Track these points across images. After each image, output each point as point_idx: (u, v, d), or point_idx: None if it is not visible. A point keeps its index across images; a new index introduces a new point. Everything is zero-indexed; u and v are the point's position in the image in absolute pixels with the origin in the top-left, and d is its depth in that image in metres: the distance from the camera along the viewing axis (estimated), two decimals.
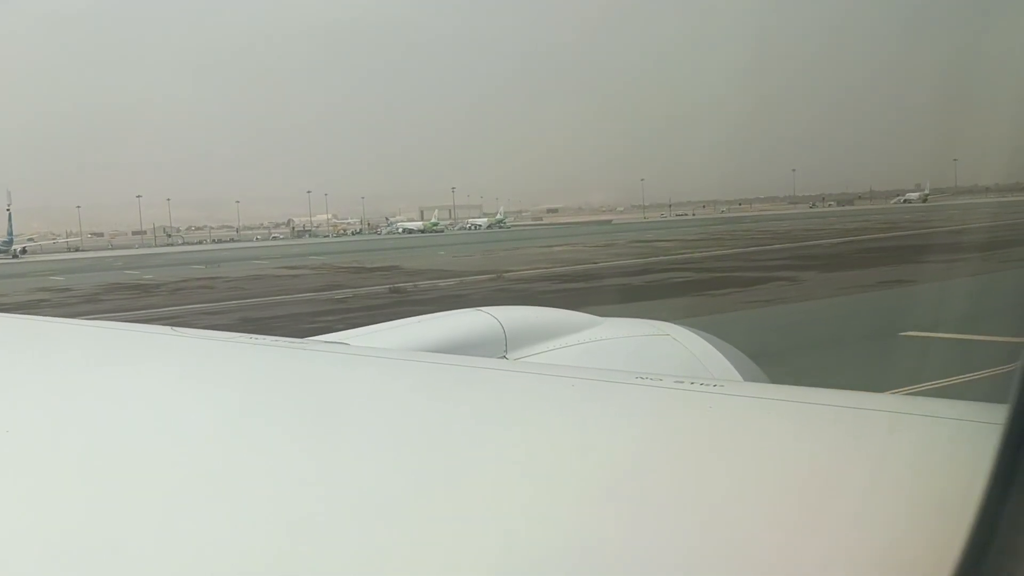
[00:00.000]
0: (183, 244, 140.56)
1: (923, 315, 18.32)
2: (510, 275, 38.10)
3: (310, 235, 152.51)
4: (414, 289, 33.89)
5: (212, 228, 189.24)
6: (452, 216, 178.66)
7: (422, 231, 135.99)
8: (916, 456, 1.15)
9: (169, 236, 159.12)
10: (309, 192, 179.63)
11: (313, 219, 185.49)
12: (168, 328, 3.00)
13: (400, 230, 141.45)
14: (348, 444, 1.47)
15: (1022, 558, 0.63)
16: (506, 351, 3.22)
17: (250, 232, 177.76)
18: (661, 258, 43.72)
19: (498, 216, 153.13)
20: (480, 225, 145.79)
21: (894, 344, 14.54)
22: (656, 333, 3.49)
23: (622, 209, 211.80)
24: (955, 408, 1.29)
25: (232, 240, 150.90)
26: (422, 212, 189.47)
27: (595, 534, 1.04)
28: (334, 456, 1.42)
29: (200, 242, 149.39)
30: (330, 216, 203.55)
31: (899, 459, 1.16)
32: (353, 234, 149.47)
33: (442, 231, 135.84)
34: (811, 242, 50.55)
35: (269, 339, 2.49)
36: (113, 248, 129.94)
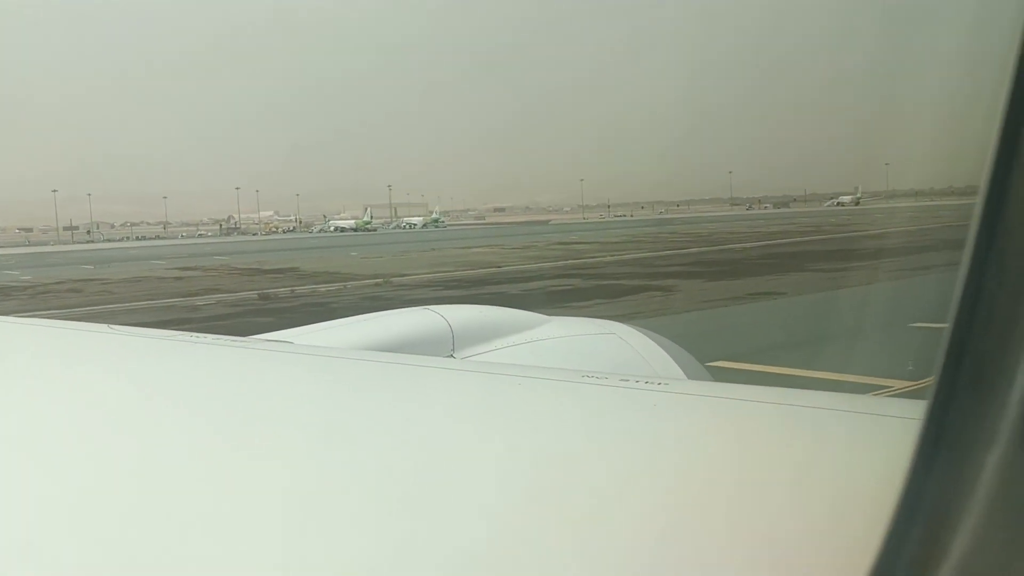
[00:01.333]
0: (104, 241, 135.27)
1: (758, 338, 16.86)
2: (402, 279, 36.10)
3: (239, 233, 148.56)
4: (289, 295, 31.72)
5: (149, 224, 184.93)
6: (393, 214, 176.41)
7: (355, 230, 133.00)
8: (852, 451, 1.19)
9: (89, 233, 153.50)
10: (238, 189, 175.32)
11: (256, 215, 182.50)
12: (103, 326, 2.84)
13: (332, 228, 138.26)
14: (291, 443, 1.43)
15: (939, 549, 0.65)
16: (453, 350, 3.14)
17: (178, 229, 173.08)
18: (566, 262, 42.10)
19: (433, 215, 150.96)
20: (415, 224, 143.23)
21: None
22: (603, 332, 3.46)
23: (568, 209, 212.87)
24: (888, 405, 1.34)
25: (157, 237, 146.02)
26: (367, 209, 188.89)
27: (540, 530, 1.05)
28: (276, 455, 1.37)
29: (123, 239, 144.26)
30: (273, 213, 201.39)
31: (832, 454, 1.22)
32: (284, 232, 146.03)
33: (375, 230, 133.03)
34: (724, 246, 49.40)
35: (210, 337, 2.41)
36: (30, 244, 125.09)
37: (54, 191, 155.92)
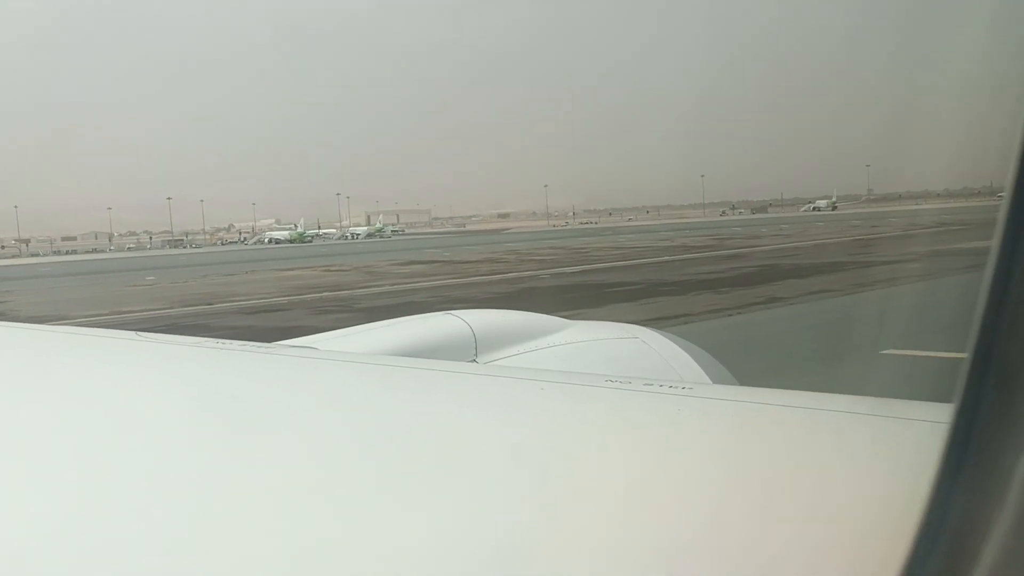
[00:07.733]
0: (30, 256, 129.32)
1: None
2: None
3: (173, 245, 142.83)
4: None
5: (152, 233, 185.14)
6: (347, 221, 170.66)
7: (290, 241, 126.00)
8: (877, 456, 1.19)
9: (26, 244, 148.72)
10: (169, 199, 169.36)
11: (255, 224, 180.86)
12: (131, 332, 2.84)
13: (267, 240, 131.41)
14: (317, 449, 1.45)
15: (967, 560, 0.64)
16: (476, 355, 3.12)
17: (124, 240, 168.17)
18: (363, 290, 34.09)
19: (377, 224, 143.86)
20: (359, 234, 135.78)
21: None
22: (626, 336, 3.44)
23: (572, 213, 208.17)
24: (916, 409, 1.34)
25: (93, 251, 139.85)
26: (368, 217, 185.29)
27: (564, 536, 1.05)
28: (303, 461, 1.38)
29: (41, 253, 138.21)
30: (273, 221, 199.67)
31: (860, 460, 1.20)
32: (222, 244, 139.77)
33: (310, 241, 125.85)
34: (551, 269, 41.15)
35: (236, 343, 2.46)
36: None
37: (15, 207, 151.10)
